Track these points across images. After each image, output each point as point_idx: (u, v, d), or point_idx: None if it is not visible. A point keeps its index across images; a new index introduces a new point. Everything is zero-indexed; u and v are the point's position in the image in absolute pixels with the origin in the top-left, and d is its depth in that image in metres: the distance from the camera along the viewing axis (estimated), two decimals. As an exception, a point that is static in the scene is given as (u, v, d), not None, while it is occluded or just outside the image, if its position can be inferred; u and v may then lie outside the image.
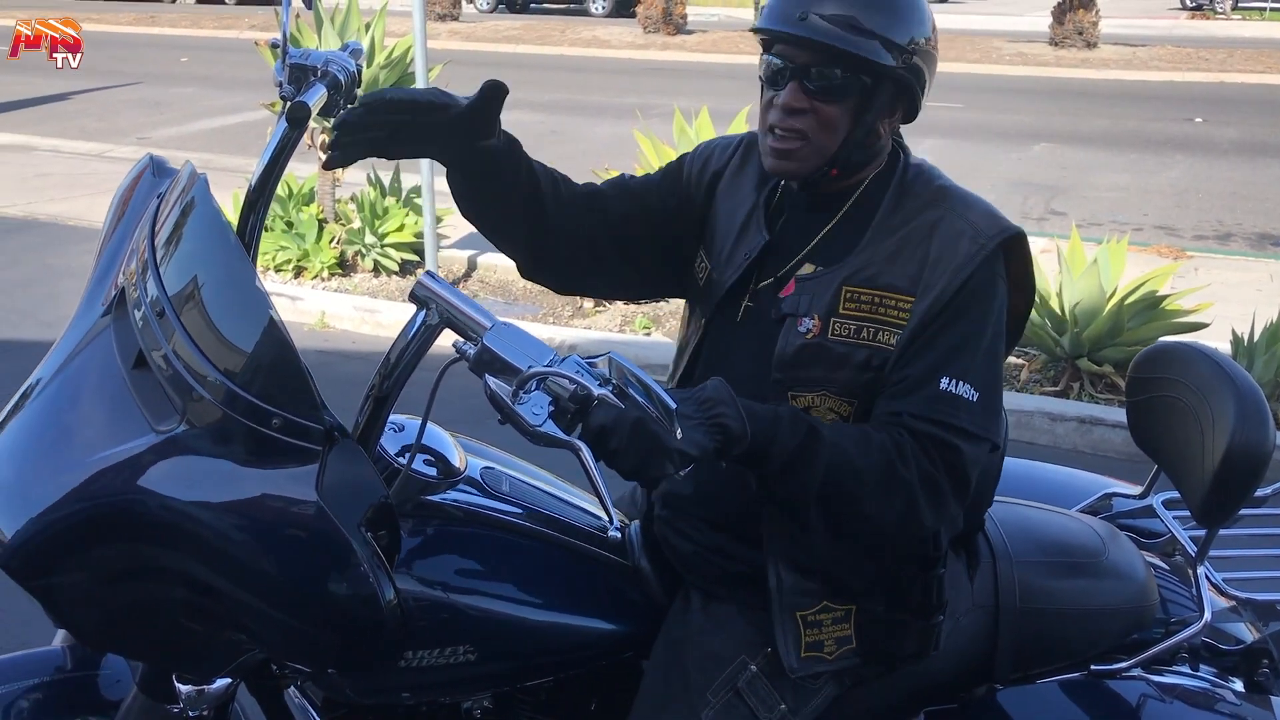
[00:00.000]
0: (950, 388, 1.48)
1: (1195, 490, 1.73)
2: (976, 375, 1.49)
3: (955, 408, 1.48)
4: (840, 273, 1.55)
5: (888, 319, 1.52)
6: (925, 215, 1.55)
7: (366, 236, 6.12)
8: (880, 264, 1.53)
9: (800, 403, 1.54)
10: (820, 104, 1.52)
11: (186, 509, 1.36)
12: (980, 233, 1.52)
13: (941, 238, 1.52)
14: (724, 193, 1.73)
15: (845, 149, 1.55)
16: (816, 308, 1.54)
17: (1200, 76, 17.01)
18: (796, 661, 1.58)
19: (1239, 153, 11.16)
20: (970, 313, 1.50)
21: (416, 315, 1.44)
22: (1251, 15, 30.11)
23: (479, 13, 29.37)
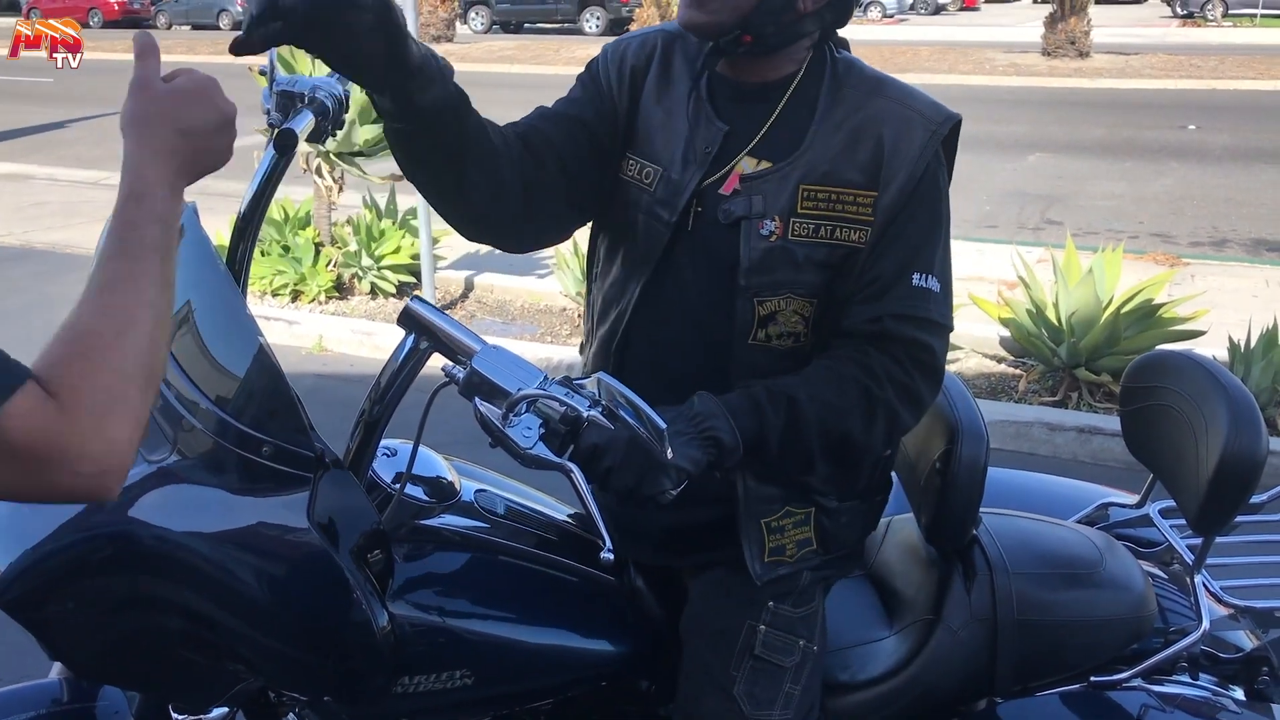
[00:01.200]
0: (921, 282, 1.51)
1: (1191, 499, 1.73)
2: (939, 266, 1.53)
3: (927, 301, 1.51)
4: (794, 171, 1.53)
5: (848, 215, 1.51)
6: (868, 106, 1.54)
7: (363, 259, 6.13)
8: (833, 159, 1.52)
9: (766, 307, 1.54)
10: None
11: (180, 539, 1.36)
12: (930, 120, 1.52)
13: (893, 127, 1.51)
14: (651, 92, 1.64)
15: (760, 14, 1.49)
16: (774, 208, 1.52)
17: (1192, 84, 17.06)
18: (760, 567, 1.61)
19: (1233, 159, 11.19)
20: (928, 203, 1.52)
21: (405, 340, 1.45)
22: (1242, 22, 30.24)
23: (473, 33, 29.51)
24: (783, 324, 1.54)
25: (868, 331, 1.51)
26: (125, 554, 1.36)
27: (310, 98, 1.71)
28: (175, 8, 35.46)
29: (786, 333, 1.55)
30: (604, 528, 1.33)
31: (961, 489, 1.72)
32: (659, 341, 1.62)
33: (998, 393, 5.04)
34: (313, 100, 1.71)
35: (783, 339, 1.55)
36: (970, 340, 5.35)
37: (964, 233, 7.69)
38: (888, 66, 18.44)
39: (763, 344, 1.55)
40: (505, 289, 6.48)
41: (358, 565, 1.39)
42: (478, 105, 1.50)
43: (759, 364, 1.55)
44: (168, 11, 35.34)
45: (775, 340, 1.55)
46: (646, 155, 1.62)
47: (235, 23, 33.51)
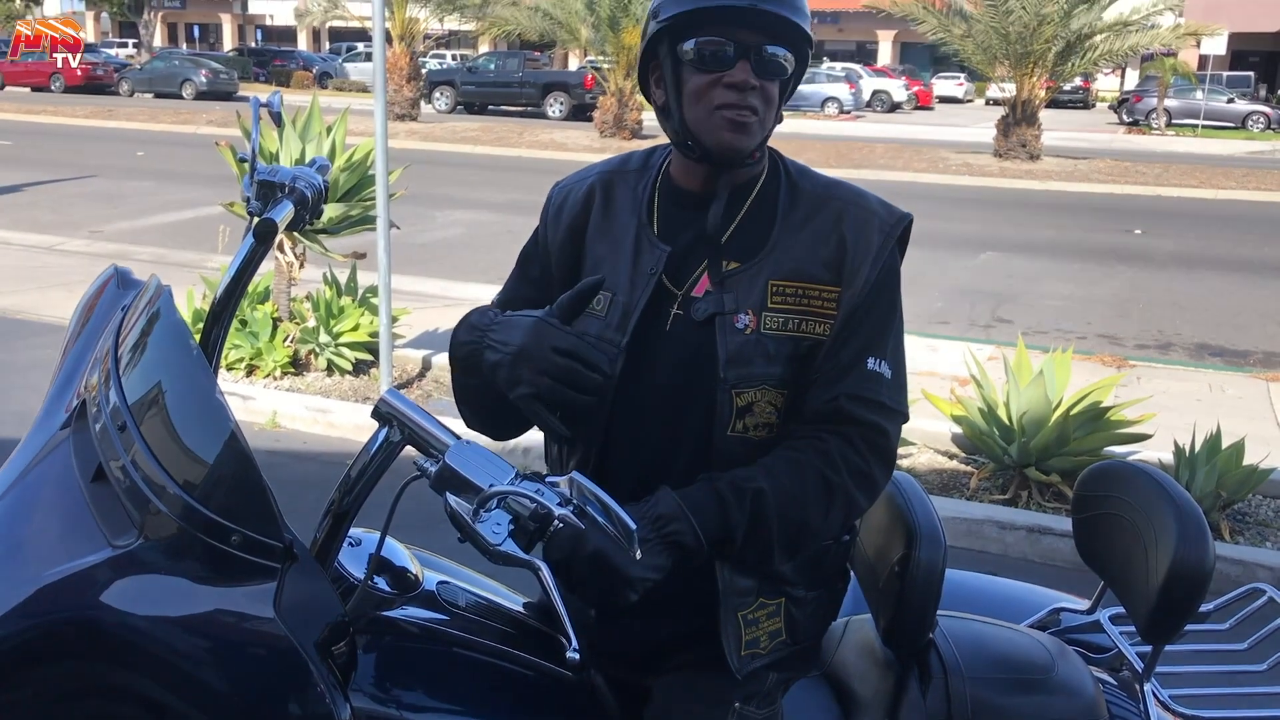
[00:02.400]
0: (875, 367, 1.59)
1: (1140, 607, 1.77)
2: (892, 354, 1.62)
3: (878, 385, 1.58)
4: (764, 268, 1.61)
5: (814, 309, 1.60)
6: (826, 207, 1.64)
7: (321, 336, 6.12)
8: (798, 258, 1.61)
9: (744, 398, 1.59)
10: (766, 82, 1.58)
11: (141, 626, 1.35)
12: (884, 221, 1.63)
13: (853, 227, 1.61)
14: (595, 236, 1.72)
15: (771, 131, 1.63)
16: (747, 303, 1.60)
17: (1138, 189, 17.60)
18: (738, 660, 1.62)
19: (1177, 264, 11.52)
20: (884, 297, 1.62)
21: (379, 433, 1.46)
22: (1184, 132, 31.30)
23: (437, 113, 29.80)
24: (758, 415, 1.60)
25: (825, 411, 1.58)
26: (86, 640, 1.35)
27: (290, 187, 1.74)
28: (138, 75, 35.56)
29: (762, 424, 1.60)
30: (570, 627, 1.33)
31: (919, 593, 1.75)
32: (641, 442, 1.65)
33: (949, 489, 5.10)
34: (292, 190, 1.74)
35: (759, 430, 1.60)
36: (923, 436, 5.42)
37: (917, 328, 7.82)
38: (844, 162, 18.91)
39: (740, 435, 1.60)
40: (463, 369, 6.47)
41: (321, 658, 1.38)
42: (442, 184, 1.59)
43: (737, 455, 1.59)
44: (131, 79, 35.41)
45: (752, 431, 1.60)
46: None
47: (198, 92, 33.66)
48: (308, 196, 1.77)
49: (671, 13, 1.56)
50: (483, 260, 10.47)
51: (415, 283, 8.98)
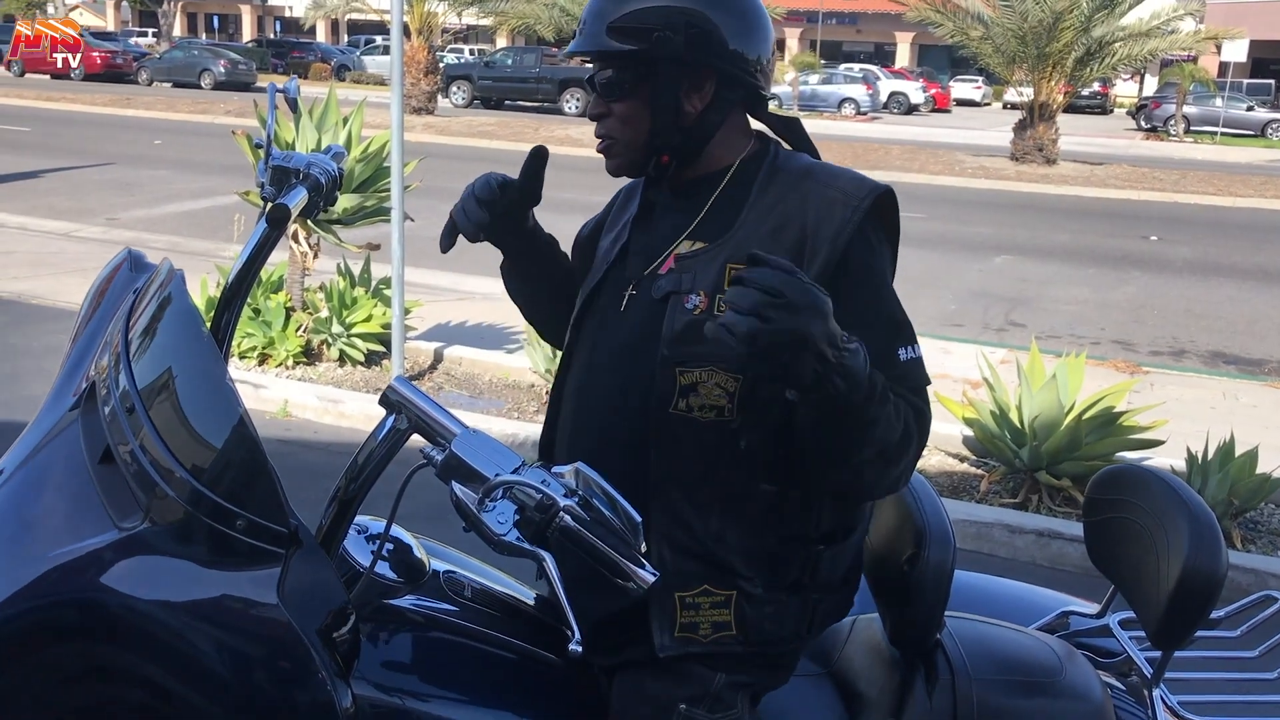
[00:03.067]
0: (908, 354, 1.57)
1: (1150, 613, 1.75)
2: (912, 332, 1.60)
3: (920, 371, 1.58)
4: (722, 250, 1.60)
5: None
6: (796, 190, 1.62)
7: (333, 326, 6.13)
8: (760, 240, 1.58)
9: (688, 379, 1.57)
10: (614, 104, 1.64)
11: (146, 609, 1.35)
12: (850, 196, 1.58)
13: (815, 207, 1.58)
14: (607, 228, 1.84)
15: (659, 135, 1.63)
16: (701, 284, 1.59)
17: (1155, 196, 17.51)
18: (669, 640, 1.60)
19: (1192, 271, 11.45)
20: (876, 277, 1.59)
21: (385, 420, 1.45)
22: (1203, 139, 31.14)
23: (454, 107, 29.83)
24: (704, 396, 1.57)
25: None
26: (90, 622, 1.35)
27: (304, 174, 1.74)
28: (157, 64, 35.70)
29: (709, 405, 1.57)
30: (573, 618, 1.33)
31: (927, 593, 1.73)
32: (587, 418, 1.68)
33: (959, 492, 5.08)
34: (307, 176, 1.74)
35: (704, 411, 1.57)
36: (933, 438, 5.39)
37: (930, 330, 7.81)
38: (860, 163, 18.86)
39: (683, 414, 1.57)
40: (474, 362, 6.48)
41: (324, 644, 1.38)
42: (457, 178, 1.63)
43: (679, 435, 1.57)
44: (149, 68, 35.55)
45: (698, 411, 1.57)
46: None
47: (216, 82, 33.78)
48: (322, 183, 1.77)
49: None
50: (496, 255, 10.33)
51: (428, 275, 8.99)
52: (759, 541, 1.60)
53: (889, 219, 1.63)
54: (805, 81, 36.17)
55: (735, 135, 1.68)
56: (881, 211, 1.61)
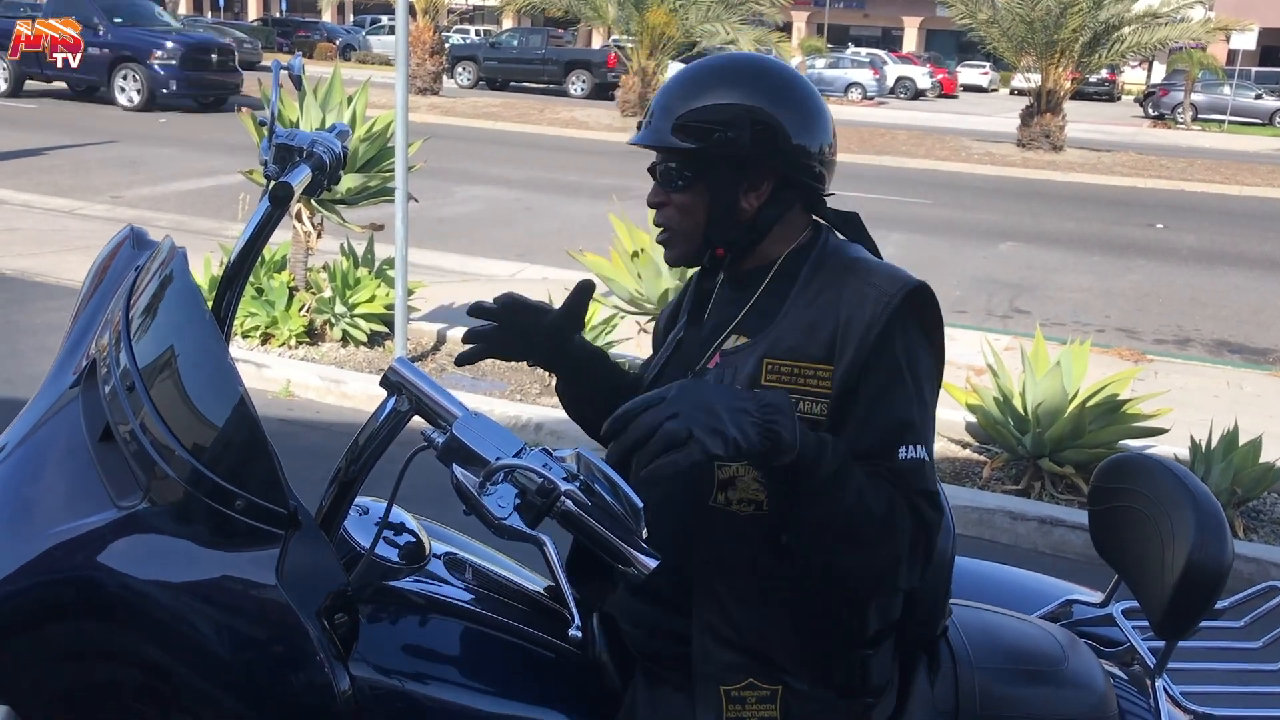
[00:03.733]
0: (909, 454, 1.53)
1: (1155, 602, 1.74)
2: (924, 435, 1.56)
3: (921, 474, 1.53)
4: (760, 345, 1.60)
5: (809, 388, 1.56)
6: (836, 283, 1.61)
7: (337, 306, 6.12)
8: (797, 335, 1.58)
9: (725, 473, 1.56)
10: (673, 194, 1.65)
11: (145, 588, 1.34)
12: (883, 291, 1.57)
13: (849, 302, 1.57)
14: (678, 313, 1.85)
15: (713, 228, 1.65)
16: (740, 380, 1.59)
17: (1162, 184, 17.44)
18: None
19: (1198, 260, 11.42)
20: (897, 373, 1.55)
21: (387, 401, 1.44)
22: (1210, 127, 31.01)
23: (459, 88, 29.75)
24: (741, 490, 1.57)
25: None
26: (88, 601, 1.34)
27: (309, 152, 1.72)
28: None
29: (747, 499, 1.57)
30: (573, 604, 1.32)
31: (929, 581, 1.72)
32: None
33: (962, 478, 5.07)
34: (310, 155, 1.73)
35: (743, 505, 1.57)
36: (936, 424, 5.38)
37: (934, 316, 7.77)
38: (866, 149, 18.81)
39: (722, 508, 1.57)
40: (477, 344, 6.46)
41: (322, 626, 1.37)
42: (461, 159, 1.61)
43: (720, 528, 1.57)
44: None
45: (736, 505, 1.57)
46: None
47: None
48: (326, 161, 1.76)
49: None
50: (500, 236, 10.46)
51: (432, 256, 8.99)
52: (803, 638, 1.58)
53: (927, 315, 1.61)
54: (812, 66, 36.01)
55: (791, 229, 1.69)
56: (917, 307, 1.59)
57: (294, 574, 1.35)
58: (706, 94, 1.62)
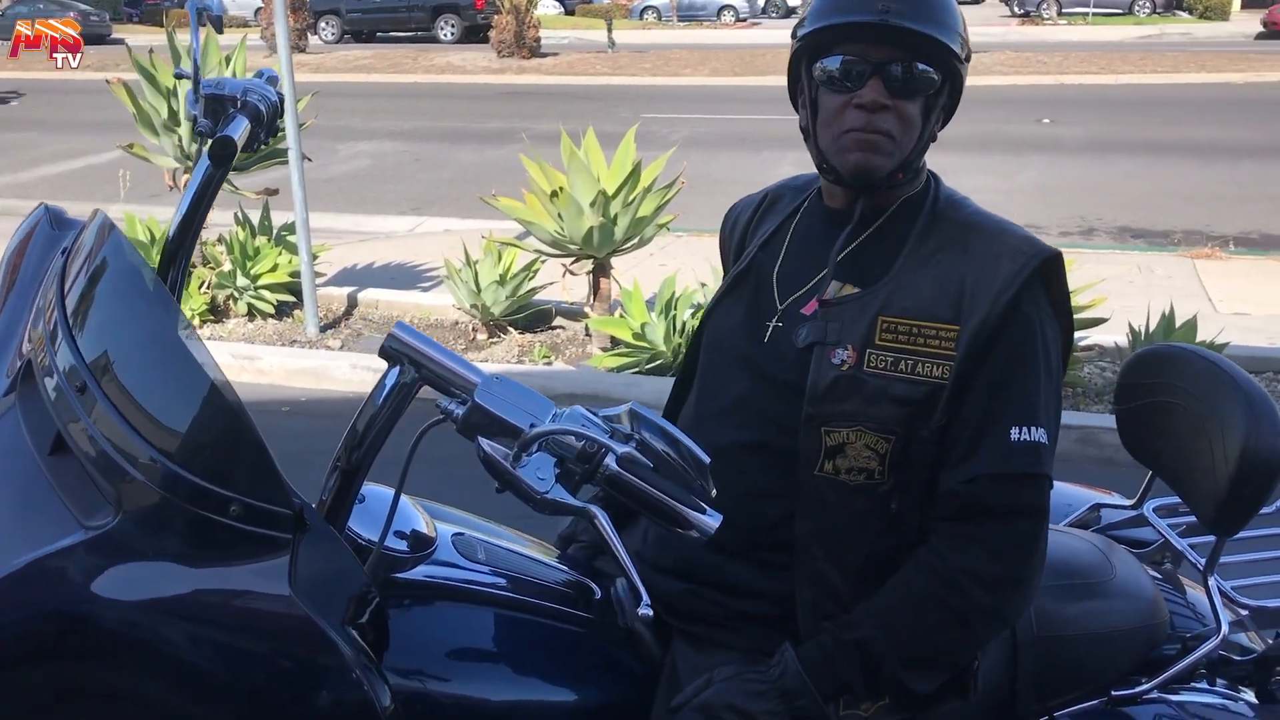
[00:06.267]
0: (1024, 436, 1.41)
1: (1206, 499, 1.65)
2: (1044, 415, 1.43)
3: (1030, 458, 1.41)
4: (874, 302, 1.47)
5: (929, 350, 1.43)
6: (959, 240, 1.48)
7: (238, 279, 5.80)
8: (916, 293, 1.45)
9: (834, 439, 1.44)
10: (901, 100, 1.46)
11: (136, 617, 1.15)
12: (1019, 253, 1.45)
13: (978, 260, 1.45)
14: (754, 232, 1.69)
15: (915, 151, 1.50)
16: (850, 337, 1.45)
17: (1041, 79, 17.69)
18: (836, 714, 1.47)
19: (1087, 150, 11.61)
20: (1022, 344, 1.43)
21: (388, 374, 1.26)
22: (1076, 20, 31.50)
23: (324, 44, 28.75)
24: (852, 458, 1.44)
25: (963, 499, 1.41)
26: (67, 636, 1.15)
27: (243, 101, 1.51)
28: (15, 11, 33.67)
29: (858, 468, 1.44)
30: (638, 579, 1.17)
31: None
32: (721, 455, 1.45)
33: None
34: (245, 104, 1.52)
35: (853, 474, 1.44)
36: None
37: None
38: (750, 70, 18.68)
39: (830, 476, 1.45)
40: (391, 304, 6.22)
41: (350, 637, 1.20)
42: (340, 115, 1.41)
43: (827, 498, 1.45)
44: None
45: (845, 474, 1.45)
46: None
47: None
48: (262, 111, 1.55)
49: (806, 30, 1.49)
50: (393, 191, 10.12)
51: (325, 219, 8.61)
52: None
53: (1056, 287, 1.49)
54: (681, -9, 35.60)
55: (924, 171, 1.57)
56: (1049, 277, 1.47)
57: (309, 582, 1.17)
58: (953, 6, 1.49)
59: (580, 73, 19.74)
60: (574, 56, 22.25)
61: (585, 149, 5.04)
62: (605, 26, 24.56)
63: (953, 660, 1.45)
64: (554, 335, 5.66)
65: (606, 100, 16.13)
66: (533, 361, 5.30)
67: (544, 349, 5.38)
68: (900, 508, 1.45)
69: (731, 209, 1.77)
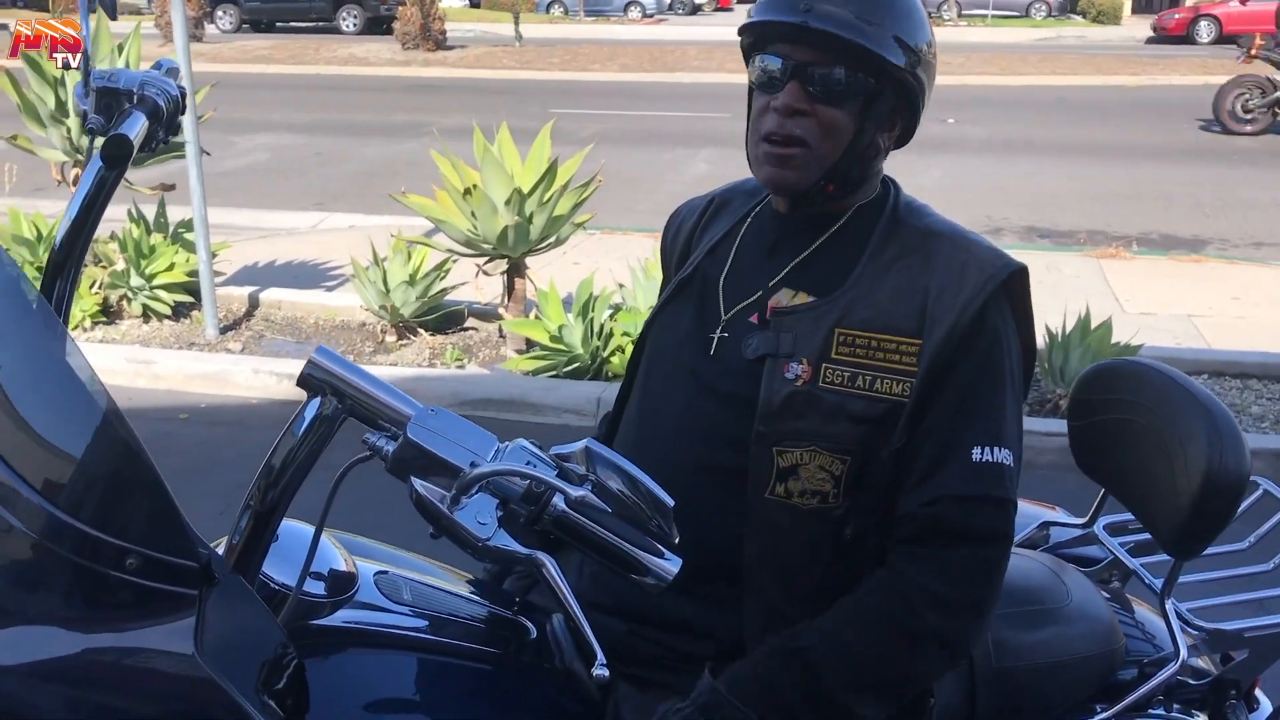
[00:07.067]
0: (985, 456, 1.33)
1: (1166, 520, 1.59)
2: (1009, 435, 1.35)
3: (993, 479, 1.33)
4: (830, 313, 1.38)
5: (889, 365, 1.35)
6: (920, 249, 1.40)
7: (133, 278, 5.53)
8: (876, 303, 1.37)
9: (787, 460, 1.35)
10: (822, 106, 1.37)
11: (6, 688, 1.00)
12: (987, 264, 1.37)
13: (942, 270, 1.37)
14: (699, 237, 1.60)
15: (845, 161, 1.40)
16: (804, 350, 1.36)
17: (944, 79, 17.66)
18: None
19: (991, 150, 11.76)
20: (988, 360, 1.36)
21: (308, 405, 1.12)
22: (975, 22, 32.11)
23: (221, 33, 27.97)
24: (806, 480, 1.35)
25: (922, 521, 1.33)
26: None
27: (139, 96, 1.36)
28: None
29: (811, 490, 1.35)
30: (592, 635, 1.06)
31: None
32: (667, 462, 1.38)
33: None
34: (143, 99, 1.36)
35: (806, 497, 1.35)
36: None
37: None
38: (658, 66, 18.62)
39: (782, 499, 1.36)
40: (295, 304, 5.99)
41: (266, 704, 1.06)
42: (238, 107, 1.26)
43: (778, 523, 1.36)
44: None
45: (797, 498, 1.35)
46: None
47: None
48: (161, 106, 1.39)
49: (753, 19, 1.42)
50: (294, 185, 9.82)
51: (223, 214, 8.28)
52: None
53: (1020, 302, 1.41)
54: (588, -15, 35.41)
55: (876, 178, 1.49)
56: (1014, 292, 1.40)
57: (219, 643, 1.03)
58: (900, 10, 1.39)
59: (488, 66, 19.47)
60: (481, 50, 21.95)
61: (499, 145, 4.89)
62: (512, 20, 24.30)
63: (899, 687, 1.36)
64: (466, 337, 5.50)
65: (515, 95, 15.92)
66: (445, 365, 5.13)
67: (456, 351, 5.22)
68: (855, 533, 1.37)
69: (675, 213, 1.67)
